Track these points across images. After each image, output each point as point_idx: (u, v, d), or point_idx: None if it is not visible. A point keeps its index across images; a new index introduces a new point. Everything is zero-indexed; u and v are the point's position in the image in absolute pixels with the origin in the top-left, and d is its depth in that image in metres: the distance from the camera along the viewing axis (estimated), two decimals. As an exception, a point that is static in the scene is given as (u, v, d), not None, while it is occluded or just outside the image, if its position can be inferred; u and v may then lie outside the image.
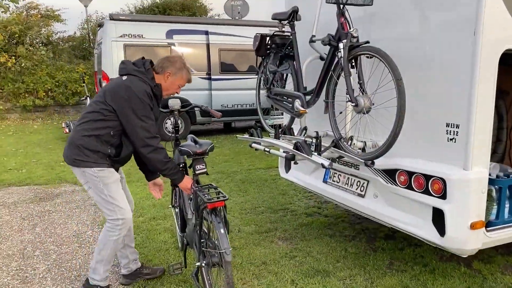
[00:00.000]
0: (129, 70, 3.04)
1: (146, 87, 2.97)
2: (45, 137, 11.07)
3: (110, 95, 2.94)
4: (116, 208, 3.00)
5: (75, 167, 2.99)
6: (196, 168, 3.12)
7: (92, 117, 2.96)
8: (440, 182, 2.89)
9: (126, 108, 2.89)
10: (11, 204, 5.43)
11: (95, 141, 2.94)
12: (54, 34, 17.24)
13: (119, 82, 2.99)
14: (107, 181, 2.99)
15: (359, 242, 4.18)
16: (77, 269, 3.64)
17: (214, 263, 2.88)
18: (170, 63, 3.13)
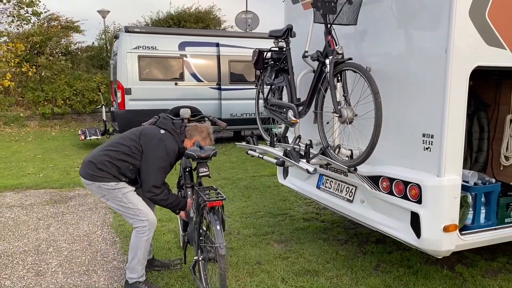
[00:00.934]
0: (168, 127, 3.46)
1: (175, 147, 3.41)
2: (62, 144, 11.54)
3: (144, 139, 3.34)
4: (138, 211, 3.33)
5: (92, 181, 3.31)
6: (200, 171, 3.43)
7: (121, 148, 3.32)
8: (417, 188, 3.13)
9: (152, 156, 3.30)
10: (28, 206, 5.80)
11: (114, 169, 3.29)
12: (73, 45, 17.90)
13: (156, 132, 3.40)
14: (125, 190, 3.33)
15: (350, 246, 4.42)
16: (86, 265, 3.96)
17: (210, 258, 3.18)
18: (197, 132, 3.57)
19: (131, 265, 3.38)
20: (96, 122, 15.86)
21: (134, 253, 3.36)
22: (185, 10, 19.37)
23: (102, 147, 3.42)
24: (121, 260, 4.06)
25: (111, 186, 3.29)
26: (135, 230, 3.37)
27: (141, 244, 3.35)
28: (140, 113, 10.18)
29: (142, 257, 3.38)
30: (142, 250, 3.36)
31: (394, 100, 3.31)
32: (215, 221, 3.05)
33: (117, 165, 3.29)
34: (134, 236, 3.37)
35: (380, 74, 3.38)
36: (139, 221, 3.33)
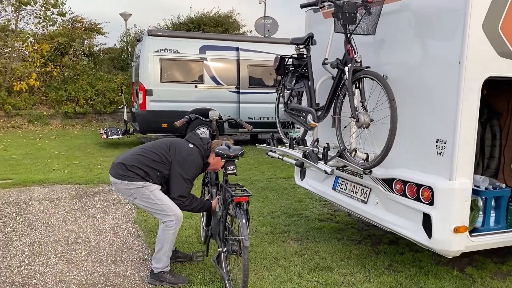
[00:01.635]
0: (196, 143, 3.74)
1: (201, 162, 3.69)
2: (84, 142, 11.91)
3: (174, 151, 3.63)
4: (165, 207, 3.58)
5: (121, 180, 3.56)
6: (228, 169, 3.65)
7: (152, 156, 3.60)
8: (429, 190, 3.30)
9: (180, 167, 3.57)
10: (56, 200, 6.10)
11: (142, 172, 3.55)
12: (95, 46, 18.37)
13: (186, 146, 3.69)
14: (152, 188, 3.58)
15: (364, 246, 4.59)
16: (113, 255, 4.21)
17: (233, 251, 3.42)
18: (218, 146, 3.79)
19: (157, 256, 3.61)
20: (116, 122, 16.25)
21: (161, 245, 3.59)
22: (205, 14, 19.72)
23: (133, 151, 3.68)
24: (145, 252, 4.30)
25: (138, 185, 3.54)
26: (163, 224, 3.61)
27: (168, 237, 3.59)
28: (161, 114, 10.51)
29: (168, 249, 3.61)
30: (168, 243, 3.60)
31: (409, 107, 3.49)
32: (241, 215, 3.29)
33: (146, 170, 3.55)
34: (162, 229, 3.61)
35: (396, 82, 3.56)
36: (167, 216, 3.57)
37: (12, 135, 13.06)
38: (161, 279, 3.61)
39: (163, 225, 3.61)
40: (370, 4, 3.58)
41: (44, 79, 15.98)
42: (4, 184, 6.91)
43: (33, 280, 3.65)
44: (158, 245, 3.62)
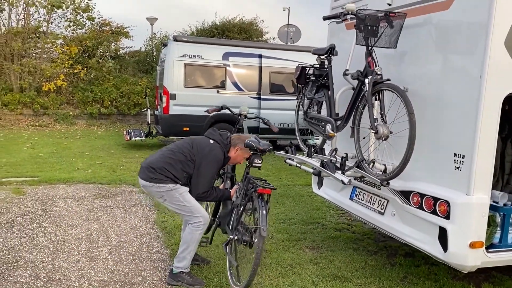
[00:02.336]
0: (217, 138, 3.88)
1: (222, 156, 3.81)
2: (107, 143, 12.19)
3: (197, 148, 3.77)
4: (193, 209, 3.72)
5: (151, 183, 3.70)
6: (255, 161, 3.79)
7: (178, 156, 3.73)
8: (446, 204, 3.31)
9: (203, 163, 3.70)
10: (79, 198, 6.30)
11: (171, 174, 3.68)
12: (121, 49, 18.79)
13: (207, 142, 3.83)
14: (181, 191, 3.72)
15: (379, 257, 4.60)
16: (133, 254, 4.34)
17: (244, 241, 3.58)
18: (239, 140, 3.94)
19: (181, 255, 3.74)
20: (139, 124, 16.56)
21: (186, 245, 3.72)
22: (230, 21, 19.94)
23: (160, 154, 3.81)
24: (164, 252, 4.42)
25: (168, 187, 3.66)
26: (190, 225, 3.73)
27: (194, 238, 3.72)
28: (183, 118, 10.69)
29: (193, 249, 3.76)
30: (194, 243, 3.74)
31: (429, 120, 3.52)
32: (262, 206, 3.42)
33: (174, 173, 3.68)
34: (189, 229, 3.74)
35: (417, 95, 3.59)
36: (195, 217, 3.71)
37: (39, 133, 13.46)
38: (179, 279, 3.72)
39: (190, 226, 3.74)
40: (392, 17, 3.63)
41: (72, 80, 16.43)
42: (31, 181, 7.16)
43: (57, 275, 3.80)
44: (184, 245, 3.74)
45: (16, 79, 15.51)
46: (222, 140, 3.88)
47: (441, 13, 3.48)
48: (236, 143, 3.92)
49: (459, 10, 3.32)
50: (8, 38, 15.53)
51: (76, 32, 16.90)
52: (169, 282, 3.75)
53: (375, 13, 3.68)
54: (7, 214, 5.41)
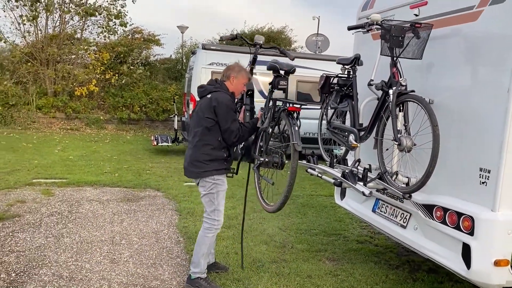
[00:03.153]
0: (210, 89, 3.86)
1: (228, 96, 3.82)
2: (135, 147, 12.43)
3: (205, 110, 3.76)
4: (217, 211, 3.80)
5: (198, 178, 3.81)
6: (280, 84, 3.74)
7: (201, 135, 3.79)
8: (470, 220, 3.22)
9: (219, 115, 3.70)
10: (105, 201, 6.44)
11: (211, 150, 3.76)
12: (152, 56, 19.21)
13: (207, 100, 3.80)
14: (220, 188, 3.79)
15: (401, 271, 4.50)
16: (153, 258, 4.40)
17: (275, 163, 3.66)
18: (230, 70, 3.96)
19: (195, 259, 3.78)
20: (167, 129, 16.83)
21: (199, 248, 3.77)
22: (259, 30, 20.09)
23: (190, 148, 3.87)
24: (184, 258, 4.46)
25: (212, 179, 3.75)
26: (203, 225, 3.81)
27: (206, 240, 3.77)
28: (209, 125, 10.79)
29: (206, 252, 3.79)
30: (206, 246, 3.78)
31: (454, 133, 3.44)
32: (293, 124, 3.48)
33: (211, 146, 3.73)
34: (201, 232, 3.81)
35: (442, 107, 3.52)
36: (212, 219, 3.78)
37: (70, 137, 13.87)
38: (197, 285, 3.75)
39: (203, 227, 3.81)
40: (418, 28, 3.58)
41: (103, 86, 16.89)
42: (60, 183, 7.38)
43: (79, 276, 3.89)
44: (197, 248, 3.80)
45: (50, 83, 16.07)
46: (215, 86, 3.86)
47: (469, 24, 3.41)
48: (227, 75, 3.91)
49: (487, 21, 3.25)
50: (45, 44, 16.12)
51: (108, 38, 17.39)
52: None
53: (401, 24, 3.64)
54: (36, 214, 5.58)
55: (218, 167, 3.78)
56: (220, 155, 3.79)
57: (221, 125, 3.73)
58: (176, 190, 7.33)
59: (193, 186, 7.72)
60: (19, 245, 4.51)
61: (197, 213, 5.97)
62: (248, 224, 5.69)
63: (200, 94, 3.95)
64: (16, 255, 4.26)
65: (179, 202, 6.58)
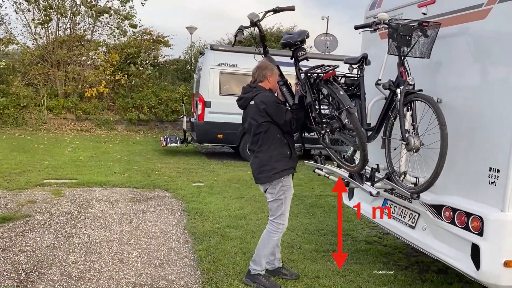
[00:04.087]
0: (250, 96, 3.92)
1: (269, 94, 3.89)
2: (145, 148, 12.51)
3: (256, 117, 3.81)
4: (283, 216, 3.87)
5: (269, 183, 3.83)
6: (299, 54, 3.72)
7: (262, 141, 3.84)
8: (479, 220, 3.18)
9: (273, 114, 3.76)
10: (114, 201, 6.48)
11: (276, 151, 3.83)
12: (161, 57, 19.30)
13: (253, 107, 3.86)
14: (288, 194, 3.86)
15: (410, 272, 4.46)
16: (161, 258, 4.42)
17: (335, 128, 3.66)
18: (265, 70, 4.00)
19: (257, 258, 3.88)
20: (176, 130, 16.91)
21: (262, 248, 3.88)
22: (267, 30, 20.08)
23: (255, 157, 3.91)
24: (192, 258, 4.47)
25: (281, 184, 3.81)
26: (268, 227, 3.90)
27: (270, 242, 3.88)
28: (217, 125, 10.83)
29: (267, 254, 3.90)
30: (269, 248, 3.90)
31: (463, 132, 3.40)
32: (336, 89, 3.48)
33: (273, 147, 3.80)
34: (266, 234, 3.91)
35: (451, 106, 3.49)
36: (277, 223, 3.86)
37: (81, 137, 13.99)
38: (256, 281, 3.85)
39: (268, 229, 3.89)
40: (426, 26, 3.55)
41: (113, 87, 17.02)
42: (70, 183, 7.44)
43: (87, 275, 3.92)
44: (260, 247, 3.89)
45: (61, 85, 16.24)
46: (252, 91, 3.90)
47: (478, 23, 3.38)
48: (263, 74, 3.95)
49: (496, 19, 3.21)
50: (55, 46, 16.30)
51: (118, 39, 17.52)
52: (246, 283, 3.88)
53: (409, 23, 3.61)
54: (46, 214, 5.64)
55: (285, 166, 3.83)
56: (284, 152, 3.85)
57: (277, 122, 3.80)
58: (184, 190, 7.36)
59: (202, 187, 7.75)
60: (29, 245, 4.56)
61: (205, 214, 5.99)
62: (256, 224, 5.69)
63: (243, 105, 4.02)
64: (26, 254, 4.31)
65: (188, 202, 6.60)
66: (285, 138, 3.87)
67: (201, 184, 8.05)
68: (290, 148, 3.91)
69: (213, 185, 7.96)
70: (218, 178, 8.68)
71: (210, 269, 4.16)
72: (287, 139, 3.90)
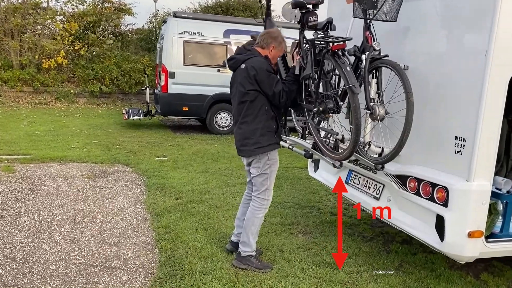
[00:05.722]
0: (242, 58, 3.59)
1: (264, 60, 3.57)
2: (106, 122, 12.01)
3: (245, 83, 3.51)
4: (268, 191, 3.67)
5: (253, 156, 3.59)
6: (310, 20, 3.47)
7: (246, 110, 3.55)
8: (444, 191, 3.09)
9: (263, 82, 3.46)
10: (70, 177, 6.14)
11: (262, 124, 3.54)
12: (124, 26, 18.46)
13: (243, 71, 3.54)
14: (273, 168, 3.66)
15: (374, 243, 4.41)
16: (117, 237, 4.18)
17: (329, 109, 3.31)
18: (272, 39, 3.68)
19: (245, 239, 3.68)
20: (140, 103, 16.33)
21: (248, 228, 3.66)
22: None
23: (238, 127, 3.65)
24: (150, 235, 4.25)
25: (267, 158, 3.60)
26: (252, 204, 3.69)
27: (256, 220, 3.67)
28: (182, 97, 10.46)
29: (255, 233, 3.69)
30: (256, 226, 3.68)
31: (429, 100, 3.27)
32: (343, 64, 3.15)
33: (259, 119, 3.53)
34: (251, 213, 3.68)
35: (417, 73, 3.34)
36: (262, 198, 3.66)
37: (39, 111, 13.31)
38: (247, 263, 3.65)
39: (253, 206, 3.67)
40: (393, -12, 3.33)
41: (72, 58, 16.17)
42: (23, 159, 7.01)
43: (34, 257, 3.65)
44: (246, 227, 3.68)
45: (16, 55, 15.29)
46: (246, 53, 3.62)
47: (446, -16, 3.20)
48: (267, 43, 3.65)
49: (466, -20, 3.04)
50: (8, 13, 15.26)
51: (76, 8, 16.58)
52: (235, 265, 3.68)
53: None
54: (-6, 192, 5.27)
55: (270, 141, 3.60)
56: (270, 126, 3.59)
57: (266, 92, 3.51)
58: (146, 165, 7.06)
59: (165, 161, 7.47)
60: (-28, 226, 4.23)
61: (167, 189, 5.75)
62: (221, 199, 5.51)
63: (233, 67, 3.69)
64: (-32, 237, 3.99)
65: (149, 177, 6.33)
66: (272, 111, 3.60)
67: (164, 158, 7.77)
68: (277, 122, 3.66)
69: (177, 159, 7.69)
70: (183, 152, 8.41)
71: (169, 247, 3.96)
72: (275, 112, 3.63)
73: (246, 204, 3.89)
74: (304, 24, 3.48)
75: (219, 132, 10.80)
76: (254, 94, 3.53)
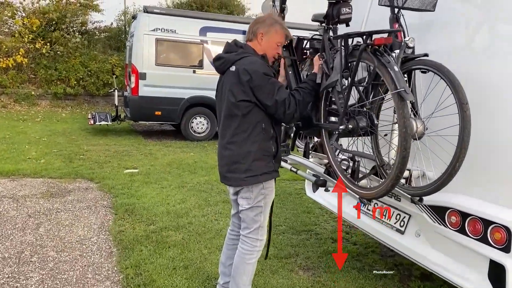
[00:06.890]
0: (232, 59, 2.72)
1: (259, 59, 2.71)
2: (70, 127, 10.94)
3: (235, 91, 2.65)
4: (261, 229, 2.83)
5: (243, 186, 2.75)
6: (342, 12, 2.74)
7: (237, 127, 2.68)
8: (504, 231, 2.36)
9: (259, 88, 2.61)
10: (21, 198, 5.16)
11: (257, 145, 2.68)
12: (90, 23, 17.26)
13: (232, 75, 2.68)
14: (268, 199, 2.83)
15: (391, 280, 3.67)
16: (72, 283, 3.28)
17: (361, 128, 2.49)
18: (258, 24, 2.80)
19: None
20: (109, 106, 15.24)
21: (239, 278, 2.82)
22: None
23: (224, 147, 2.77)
24: (116, 280, 3.37)
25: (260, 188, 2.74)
26: (241, 246, 2.82)
27: (248, 268, 2.81)
28: (154, 101, 9.56)
29: (248, 283, 2.84)
30: (249, 275, 2.82)
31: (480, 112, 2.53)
32: (388, 63, 2.29)
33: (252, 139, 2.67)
34: (239, 258, 2.82)
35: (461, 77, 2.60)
36: (254, 239, 2.81)
37: (-6, 115, 12.09)
38: None
39: (242, 249, 2.81)
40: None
41: (33, 57, 14.92)
42: (-34, 174, 5.97)
43: (-44, 323, 2.73)
44: (236, 278, 2.83)
45: (-31, 53, 13.96)
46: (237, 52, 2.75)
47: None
48: (254, 31, 2.78)
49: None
50: (-40, 7, 13.92)
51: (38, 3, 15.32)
52: None
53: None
54: None
55: (266, 169, 2.73)
56: (267, 149, 2.73)
57: (264, 103, 2.64)
58: (114, 180, 6.13)
59: (135, 174, 6.55)
60: None
61: (137, 211, 4.86)
62: (201, 223, 4.67)
63: (220, 69, 2.79)
64: None
65: (116, 196, 5.42)
66: (272, 130, 2.76)
67: (135, 170, 6.84)
68: (277, 143, 2.81)
69: (149, 172, 6.79)
70: (155, 163, 7.50)
71: (140, 298, 3.10)
72: (275, 131, 2.79)
73: (231, 245, 3.03)
74: (333, 18, 2.68)
75: (195, 139, 9.92)
76: (247, 107, 2.65)
